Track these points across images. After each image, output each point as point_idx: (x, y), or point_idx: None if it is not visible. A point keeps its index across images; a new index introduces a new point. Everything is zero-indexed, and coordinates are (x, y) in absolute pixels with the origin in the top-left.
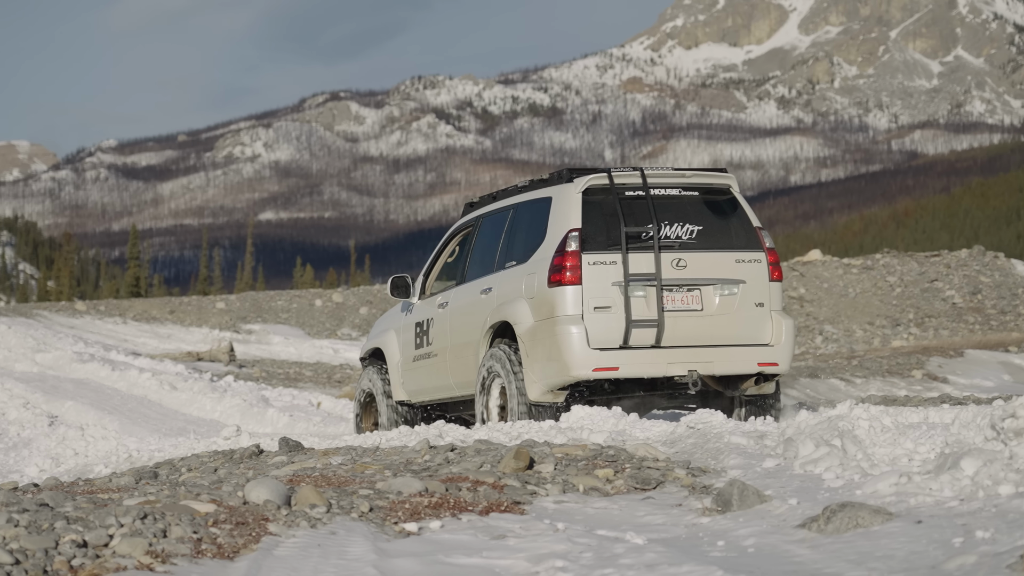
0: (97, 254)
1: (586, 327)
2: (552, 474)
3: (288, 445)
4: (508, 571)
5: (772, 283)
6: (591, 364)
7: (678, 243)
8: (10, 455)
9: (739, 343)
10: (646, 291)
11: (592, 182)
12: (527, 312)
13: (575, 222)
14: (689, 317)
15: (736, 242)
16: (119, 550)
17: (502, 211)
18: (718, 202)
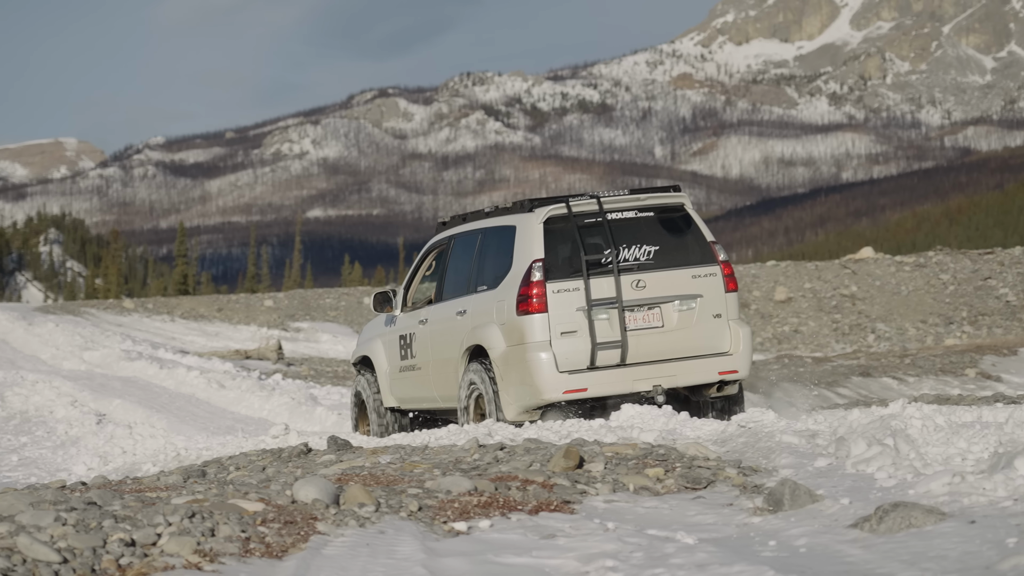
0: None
1: (554, 352)
2: (602, 473)
3: (336, 444)
4: (558, 571)
5: (728, 294)
6: (561, 387)
7: (636, 265)
8: (58, 453)
9: (700, 354)
10: (609, 313)
11: (552, 212)
12: (499, 338)
13: (538, 252)
14: (651, 334)
15: (692, 258)
16: (167, 549)
17: (472, 234)
18: (673, 220)
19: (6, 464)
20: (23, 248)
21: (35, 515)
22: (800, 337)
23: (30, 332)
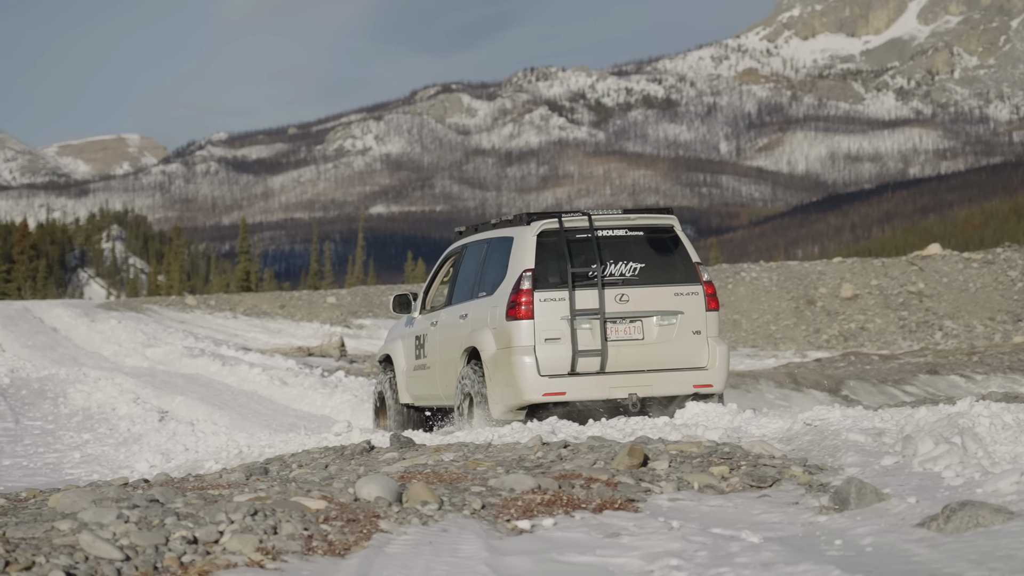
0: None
1: (537, 357)
2: (666, 471)
3: (399, 441)
4: (622, 570)
5: (709, 312)
6: (541, 390)
7: (621, 280)
8: (120, 450)
9: (677, 367)
10: (592, 324)
11: (546, 226)
12: (491, 341)
13: (529, 263)
14: (631, 345)
15: (675, 276)
16: (229, 547)
17: (479, 243)
18: (662, 240)
19: (68, 461)
20: (86, 245)
21: (97, 512)
22: (866, 334)
23: (93, 329)
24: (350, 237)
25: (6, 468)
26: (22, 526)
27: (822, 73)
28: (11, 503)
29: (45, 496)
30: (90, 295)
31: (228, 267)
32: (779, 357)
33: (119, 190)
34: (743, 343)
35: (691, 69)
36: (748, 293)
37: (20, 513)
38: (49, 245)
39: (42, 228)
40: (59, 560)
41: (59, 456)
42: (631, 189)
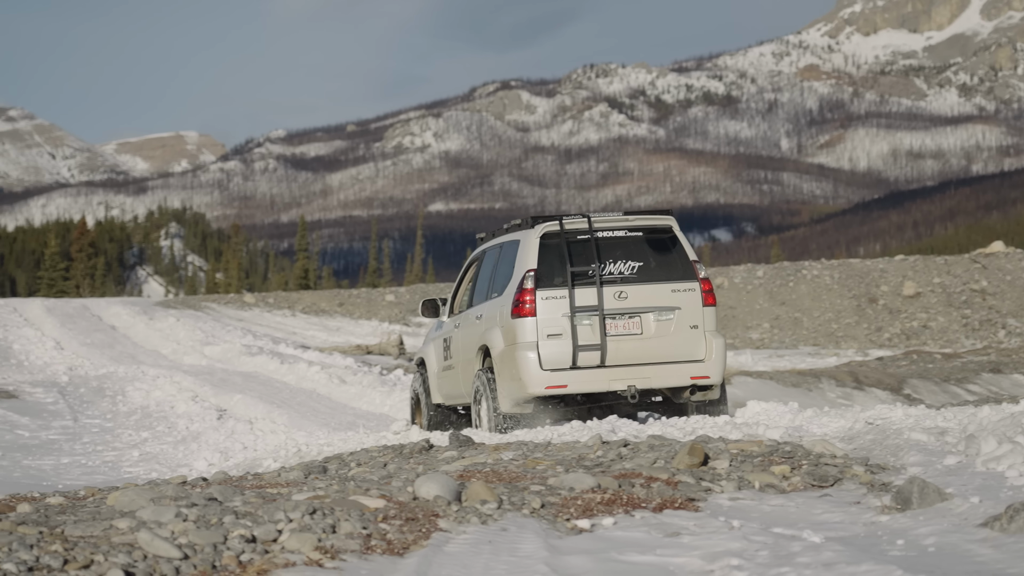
0: (266, 246)
1: (540, 352)
2: (727, 470)
3: (458, 440)
4: (682, 569)
5: (706, 308)
6: (544, 383)
7: (620, 278)
8: (179, 449)
9: (674, 360)
10: (591, 320)
11: (548, 228)
12: (499, 339)
13: (532, 263)
14: (630, 340)
15: (673, 274)
16: (288, 545)
17: (495, 248)
18: (661, 239)
19: (127, 459)
20: (144, 242)
21: (156, 511)
22: (929, 333)
23: (151, 327)
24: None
25: (65, 466)
26: (81, 524)
27: (884, 69)
28: (70, 501)
29: (104, 494)
30: (148, 293)
31: (287, 265)
32: (840, 356)
33: (177, 187)
34: (804, 341)
35: (752, 65)
36: (809, 291)
37: (79, 511)
38: (108, 243)
39: (100, 226)
40: (117, 559)
41: (118, 454)
42: (691, 186)
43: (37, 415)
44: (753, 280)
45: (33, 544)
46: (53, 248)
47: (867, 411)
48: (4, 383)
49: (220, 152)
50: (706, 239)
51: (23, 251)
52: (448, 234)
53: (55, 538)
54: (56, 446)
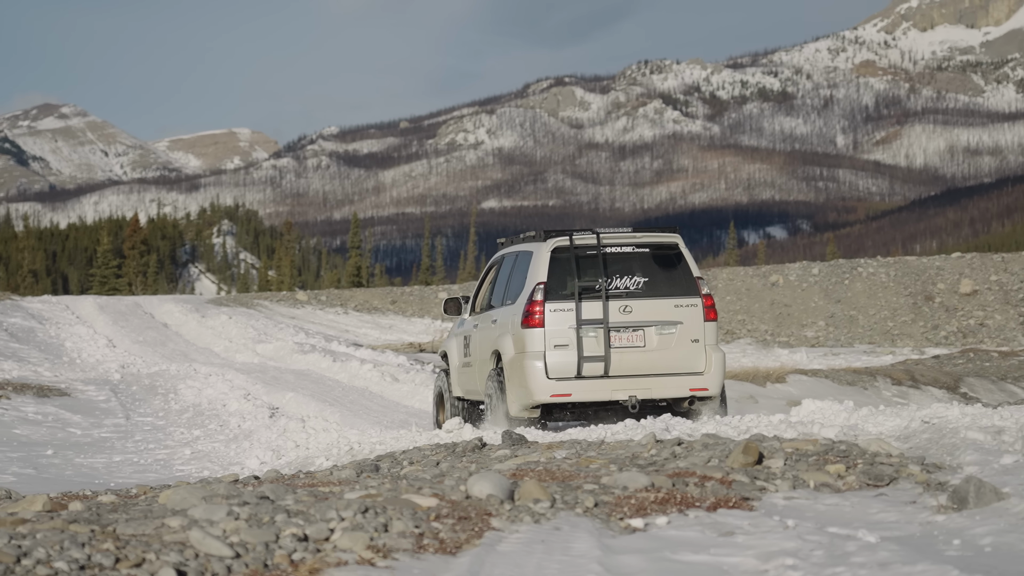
0: (318, 243)
1: (547, 361)
2: (782, 469)
3: (511, 438)
4: (736, 569)
5: (707, 323)
6: (549, 391)
7: (626, 292)
8: (231, 447)
9: (675, 372)
10: (596, 332)
11: (559, 243)
12: (510, 346)
13: (542, 276)
14: (633, 352)
15: (676, 290)
16: (340, 544)
17: (512, 255)
18: (666, 256)
19: (179, 458)
20: (196, 240)
21: (208, 509)
22: (986, 331)
23: (203, 324)
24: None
25: (117, 464)
26: (132, 523)
27: (941, 65)
28: (122, 499)
29: (155, 492)
30: (200, 290)
31: (339, 262)
32: (896, 354)
33: (230, 184)
34: (860, 339)
35: (807, 61)
36: (865, 289)
37: (130, 509)
38: (160, 240)
39: (153, 223)
40: (169, 557)
41: (169, 452)
42: (746, 183)
43: (89, 413)
44: (808, 278)
45: (85, 542)
46: (105, 245)
47: (923, 410)
48: (56, 381)
49: (273, 149)
50: (761, 236)
51: (76, 248)
52: (501, 231)
53: (107, 536)
54: (108, 444)
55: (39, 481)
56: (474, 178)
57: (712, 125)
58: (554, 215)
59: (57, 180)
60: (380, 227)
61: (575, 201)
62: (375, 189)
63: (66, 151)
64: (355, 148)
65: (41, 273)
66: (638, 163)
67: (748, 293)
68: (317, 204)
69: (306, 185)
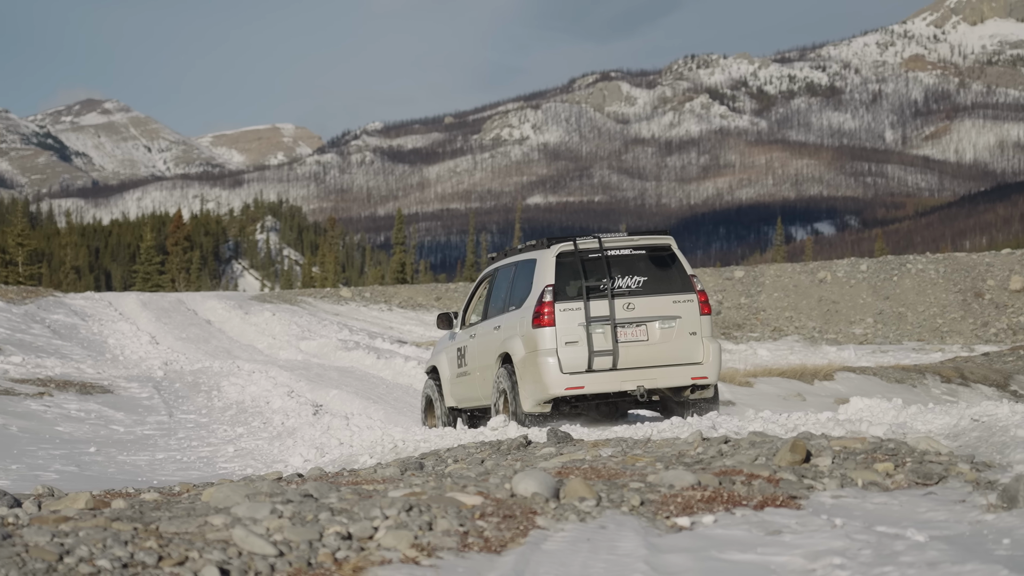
0: (362, 239)
1: (559, 357)
2: (829, 468)
3: (557, 436)
4: (784, 568)
5: (703, 316)
6: (563, 385)
7: (628, 291)
8: (274, 444)
9: (677, 363)
10: (604, 328)
11: (563, 248)
12: (520, 346)
13: (550, 279)
14: (638, 346)
15: (673, 287)
16: (384, 543)
17: (509, 266)
18: (662, 257)
19: (222, 455)
20: (240, 236)
21: (251, 507)
22: None
23: (247, 321)
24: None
25: (160, 462)
26: (175, 520)
27: (991, 59)
28: (165, 497)
29: (199, 490)
30: (244, 287)
31: (383, 258)
32: (945, 351)
33: (273, 180)
34: (908, 336)
35: (856, 55)
36: (914, 285)
37: (173, 507)
38: (203, 236)
39: (196, 219)
40: (212, 555)
41: (213, 450)
42: (793, 179)
43: (132, 410)
44: (856, 274)
45: (127, 540)
46: (148, 242)
47: (972, 408)
48: (99, 378)
49: (317, 144)
50: (809, 232)
51: (118, 245)
52: (547, 227)
53: (149, 534)
54: (151, 441)
55: (82, 479)
56: (519, 174)
57: (759, 120)
58: (600, 211)
59: (100, 176)
60: (424, 223)
61: (621, 197)
62: (419, 185)
63: (109, 147)
64: (399, 143)
65: (84, 269)
66: (684, 158)
67: (796, 290)
68: (361, 200)
69: (350, 181)
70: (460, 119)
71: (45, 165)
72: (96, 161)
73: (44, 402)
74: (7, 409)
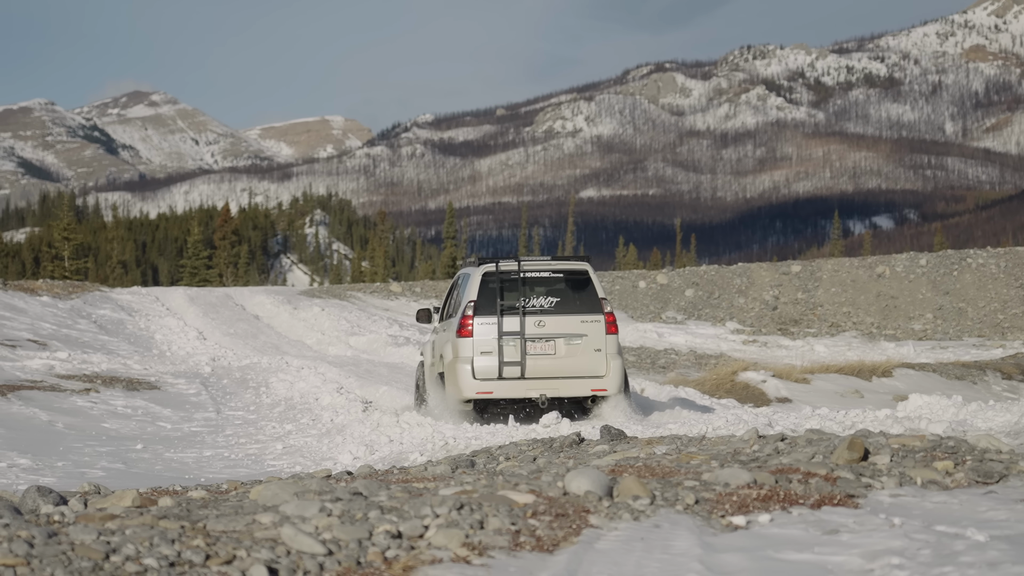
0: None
1: (474, 365)
2: (888, 466)
3: (610, 433)
4: (841, 568)
5: (608, 335)
6: (475, 389)
7: (540, 310)
8: (323, 441)
9: (579, 376)
10: (515, 342)
11: (487, 268)
12: (450, 351)
13: (473, 295)
14: (545, 358)
15: (583, 308)
16: (434, 542)
17: (463, 275)
18: (578, 280)
19: (270, 452)
20: (288, 230)
21: (299, 505)
22: None
23: (295, 317)
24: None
25: (207, 459)
26: (223, 519)
27: None
28: (212, 495)
29: (247, 488)
30: (292, 282)
31: (434, 253)
32: (1007, 347)
33: (323, 173)
34: (968, 332)
35: (915, 46)
36: (974, 280)
37: (221, 505)
38: (251, 230)
39: (244, 213)
40: (260, 554)
41: (261, 447)
42: (851, 172)
43: (179, 407)
44: (916, 269)
45: (175, 539)
46: (196, 236)
47: None
48: (146, 374)
49: (366, 137)
50: (867, 226)
51: (165, 239)
52: (600, 221)
53: (197, 532)
54: (198, 438)
55: (128, 476)
56: (572, 166)
57: (817, 112)
58: (654, 204)
59: (147, 169)
60: (476, 217)
61: (675, 190)
62: (471, 178)
63: (156, 139)
64: (450, 136)
65: (131, 264)
66: (740, 151)
67: (853, 285)
68: (411, 193)
69: (400, 174)
70: (512, 111)
71: (92, 158)
72: (143, 154)
73: (90, 398)
74: (53, 405)
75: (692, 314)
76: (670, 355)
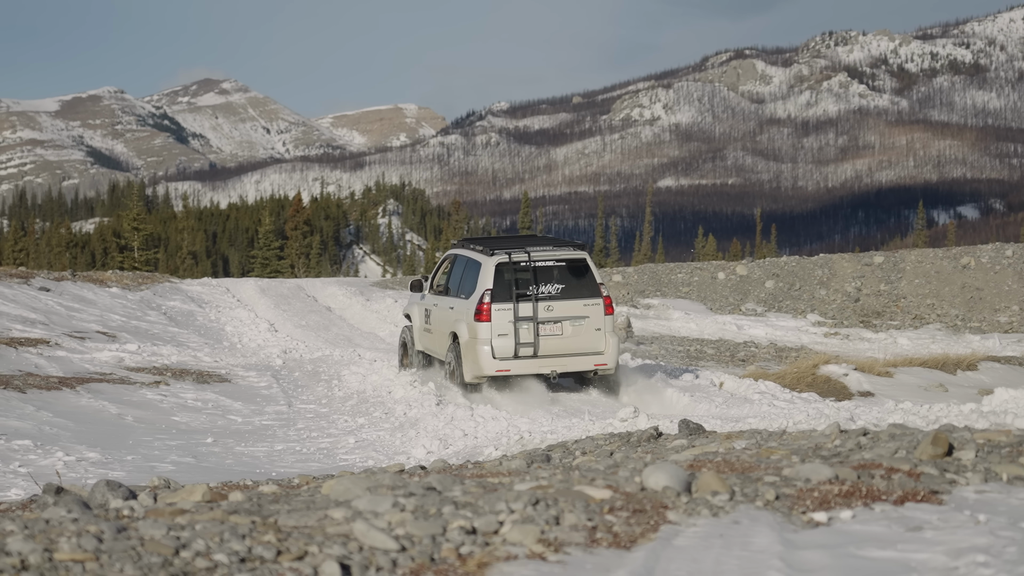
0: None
1: (492, 346)
2: (973, 461)
3: (688, 428)
4: (924, 566)
5: (606, 316)
6: (495, 367)
7: (549, 296)
8: (396, 436)
9: (583, 352)
10: (529, 325)
11: (500, 259)
12: (465, 331)
13: (489, 284)
14: (554, 338)
15: (584, 293)
16: (509, 538)
17: (463, 258)
18: (578, 267)
19: (342, 446)
20: (361, 220)
21: (372, 500)
22: None
23: (368, 308)
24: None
25: (279, 453)
26: (294, 514)
27: None
28: (283, 489)
29: (318, 483)
30: (365, 272)
31: None
32: None
33: (396, 162)
34: None
35: (1001, 32)
36: None
37: (292, 500)
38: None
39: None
40: (332, 550)
41: (333, 441)
42: (936, 160)
43: (250, 400)
44: (1002, 260)
45: (245, 534)
46: (267, 226)
47: None
48: (217, 366)
49: (440, 125)
50: (951, 216)
51: (236, 229)
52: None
53: (268, 528)
54: (270, 432)
55: (198, 470)
56: (650, 155)
57: (900, 99)
58: (733, 194)
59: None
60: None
61: (755, 179)
62: (546, 167)
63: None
64: (526, 124)
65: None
66: (822, 139)
67: (938, 276)
68: (486, 182)
69: (475, 163)
70: (588, 99)
71: (161, 147)
72: (213, 143)
73: (160, 391)
74: (123, 398)
75: (772, 306)
76: (750, 348)
